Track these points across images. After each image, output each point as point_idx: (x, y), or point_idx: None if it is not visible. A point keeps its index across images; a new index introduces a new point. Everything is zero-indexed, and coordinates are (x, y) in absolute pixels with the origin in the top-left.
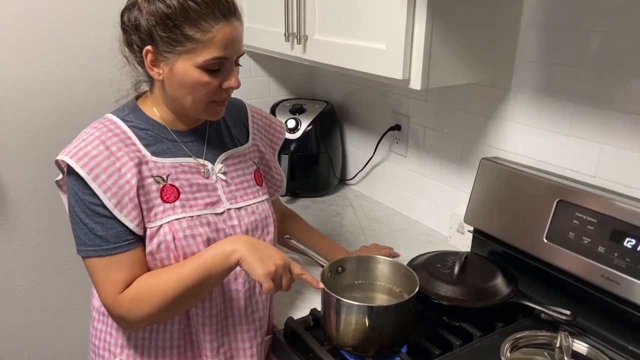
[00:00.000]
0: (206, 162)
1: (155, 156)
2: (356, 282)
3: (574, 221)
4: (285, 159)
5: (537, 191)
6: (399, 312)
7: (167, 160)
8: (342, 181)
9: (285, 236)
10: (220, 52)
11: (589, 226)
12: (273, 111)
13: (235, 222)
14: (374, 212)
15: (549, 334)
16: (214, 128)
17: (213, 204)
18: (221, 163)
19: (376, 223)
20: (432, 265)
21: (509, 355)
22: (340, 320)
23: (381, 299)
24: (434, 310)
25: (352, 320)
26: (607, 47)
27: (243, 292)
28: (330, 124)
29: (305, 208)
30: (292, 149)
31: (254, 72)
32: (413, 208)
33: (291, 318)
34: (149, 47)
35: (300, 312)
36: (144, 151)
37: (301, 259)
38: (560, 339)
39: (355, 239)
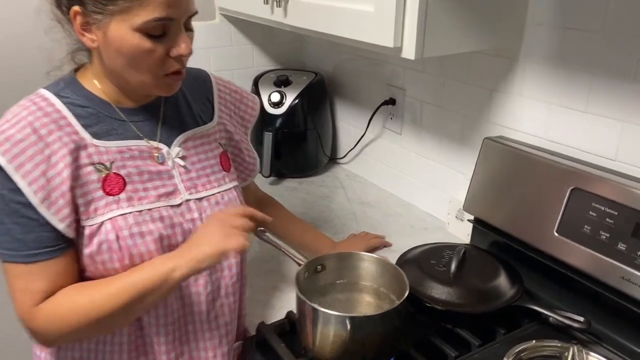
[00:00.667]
0: (161, 145)
1: (97, 139)
2: (338, 282)
3: (591, 213)
4: (268, 136)
5: (547, 177)
6: (384, 321)
7: (112, 144)
8: (333, 160)
9: (259, 228)
10: (161, 12)
11: (607, 219)
12: (256, 83)
13: (196, 214)
14: (365, 195)
15: (558, 345)
16: (171, 104)
17: (168, 194)
18: (179, 146)
19: (368, 207)
20: (425, 261)
21: None
22: (316, 330)
23: (366, 303)
24: (426, 314)
25: (329, 332)
26: (631, 9)
27: (205, 295)
28: (319, 97)
29: (291, 190)
30: (276, 126)
31: (235, 39)
32: (408, 190)
33: (263, 323)
34: (76, 8)
35: (277, 313)
36: (83, 133)
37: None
38: (572, 353)
39: (344, 225)
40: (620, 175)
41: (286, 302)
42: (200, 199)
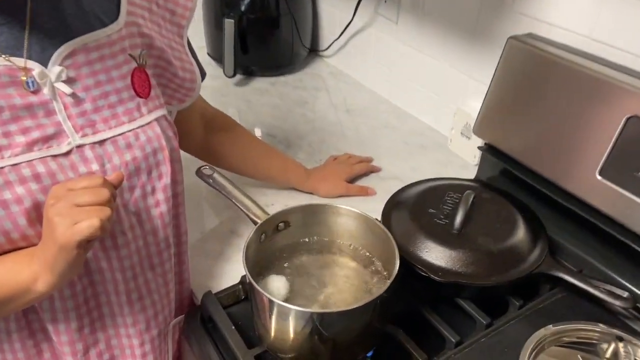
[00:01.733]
0: (31, 64)
1: None
2: (307, 241)
3: None
4: (230, 24)
5: (594, 97)
6: (364, 314)
7: None
8: (313, 52)
9: (203, 167)
10: None
11: None
12: None
13: (95, 167)
14: (352, 99)
15: (597, 330)
16: None
17: (47, 139)
18: (62, 64)
19: (354, 116)
20: (421, 208)
21: None
22: (272, 322)
23: (346, 271)
24: (420, 281)
25: (288, 327)
26: None
27: (120, 271)
28: None
29: (260, 93)
30: (240, 9)
31: None
32: (405, 96)
33: (209, 293)
34: None
35: (233, 269)
36: None
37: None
38: (614, 348)
39: (322, 142)
40: None
41: None
42: (101, 143)
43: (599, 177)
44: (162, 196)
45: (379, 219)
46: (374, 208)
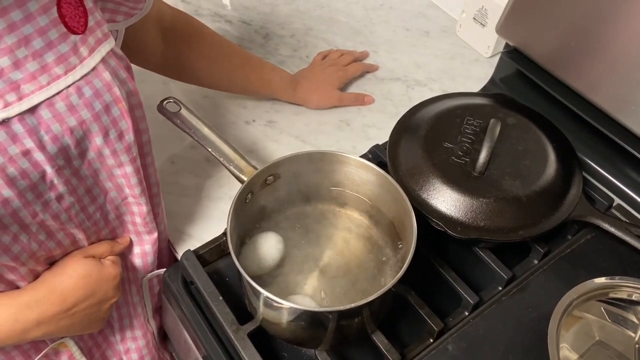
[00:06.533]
0: None
1: None
2: (302, 191)
3: None
4: None
5: None
6: (372, 306)
7: None
8: None
9: (167, 100)
10: None
11: None
12: None
13: (29, 143)
14: None
15: (635, 286)
16: None
17: None
18: None
19: None
20: (436, 140)
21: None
22: (262, 311)
23: (344, 222)
24: (432, 230)
25: (281, 319)
26: None
27: (80, 227)
28: None
29: None
30: None
31: None
32: None
33: (189, 254)
34: None
35: (215, 208)
36: None
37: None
38: None
39: (307, 32)
40: None
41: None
42: (32, 110)
43: None
44: (126, 157)
45: (380, 143)
46: (373, 121)
